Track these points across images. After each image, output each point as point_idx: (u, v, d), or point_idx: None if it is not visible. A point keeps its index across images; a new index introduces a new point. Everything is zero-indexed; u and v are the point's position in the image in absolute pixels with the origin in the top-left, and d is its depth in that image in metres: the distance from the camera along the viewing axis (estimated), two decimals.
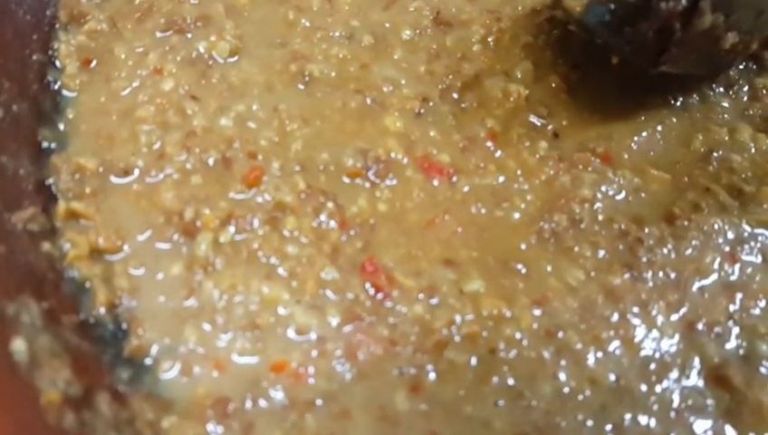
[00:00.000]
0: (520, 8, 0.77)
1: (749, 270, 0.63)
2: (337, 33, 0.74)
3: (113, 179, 0.64)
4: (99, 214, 0.62)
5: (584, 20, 0.65)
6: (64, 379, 0.51)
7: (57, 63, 0.70)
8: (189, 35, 0.72)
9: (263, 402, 0.55)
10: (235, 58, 0.72)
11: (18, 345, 0.49)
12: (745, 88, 0.75)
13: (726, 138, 0.71)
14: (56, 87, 0.69)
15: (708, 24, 0.63)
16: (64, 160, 0.64)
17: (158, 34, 0.72)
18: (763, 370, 0.58)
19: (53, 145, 0.65)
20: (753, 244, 0.64)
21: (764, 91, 0.74)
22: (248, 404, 0.54)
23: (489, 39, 0.75)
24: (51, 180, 0.63)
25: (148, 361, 0.56)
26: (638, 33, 0.64)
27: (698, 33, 0.64)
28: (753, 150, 0.70)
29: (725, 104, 0.74)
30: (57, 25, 0.71)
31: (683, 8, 0.62)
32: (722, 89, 0.74)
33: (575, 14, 0.65)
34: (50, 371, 0.50)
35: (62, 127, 0.67)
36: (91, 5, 0.73)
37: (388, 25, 0.75)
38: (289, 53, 0.72)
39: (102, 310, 0.57)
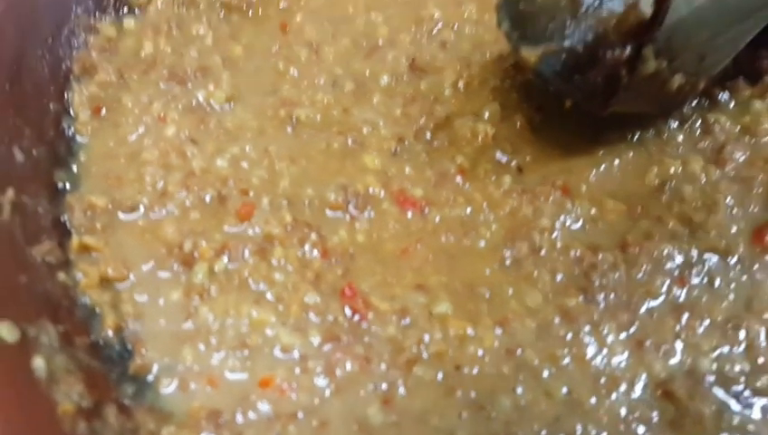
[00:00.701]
0: (488, 55, 0.81)
1: (696, 292, 0.66)
2: (322, 81, 0.79)
3: (121, 216, 0.69)
4: (108, 247, 0.67)
5: (538, 69, 0.68)
6: (77, 393, 0.56)
7: (71, 112, 0.75)
8: (190, 85, 0.77)
9: (251, 414, 0.59)
10: (231, 105, 0.77)
11: (38, 363, 0.55)
12: (698, 122, 0.77)
13: (680, 169, 0.73)
14: (70, 133, 0.74)
15: (653, 69, 0.67)
16: (77, 199, 0.69)
17: (162, 85, 0.77)
18: (705, 384, 0.62)
19: (68, 185, 0.70)
20: (700, 267, 0.67)
21: (716, 126, 0.76)
22: (238, 416, 0.59)
23: (460, 83, 0.79)
24: (65, 217, 0.68)
25: (150, 377, 0.61)
26: (587, 80, 0.67)
27: (644, 78, 0.67)
28: (703, 181, 0.73)
29: (680, 138, 0.76)
30: (71, 77, 0.76)
31: (627, 56, 0.66)
32: (676, 124, 0.77)
33: (530, 64, 0.69)
34: (65, 385, 0.56)
35: (75, 169, 0.72)
36: (101, 59, 0.78)
37: (368, 73, 0.80)
38: (279, 100, 0.77)
39: (110, 332, 0.62)
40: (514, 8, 0.71)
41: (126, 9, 0.83)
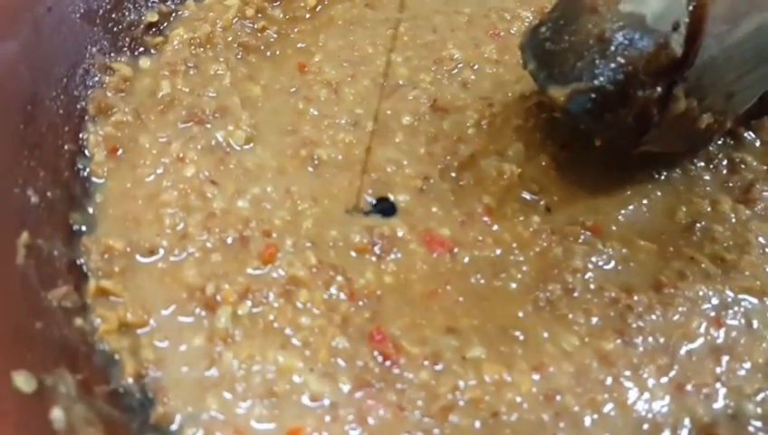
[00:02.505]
0: (510, 94, 0.81)
1: (734, 334, 0.65)
2: (343, 121, 0.78)
3: (139, 259, 0.67)
4: (126, 291, 0.64)
5: (568, 108, 0.68)
6: None
7: (86, 152, 0.73)
8: (209, 126, 0.76)
9: None
10: (251, 145, 0.75)
11: (57, 414, 0.52)
12: (724, 162, 0.78)
13: (708, 209, 0.74)
14: (86, 174, 0.72)
15: (683, 108, 0.67)
16: (94, 242, 0.67)
17: (180, 125, 0.76)
18: (750, 428, 0.61)
19: (84, 227, 0.68)
20: (736, 308, 0.67)
21: (742, 165, 0.77)
22: None
23: (483, 123, 0.79)
24: (82, 260, 0.66)
25: (173, 427, 0.58)
26: (617, 118, 0.67)
27: (674, 117, 0.68)
28: (733, 220, 0.73)
29: (707, 177, 0.77)
30: (86, 117, 0.75)
31: (659, 95, 0.66)
32: (702, 163, 0.78)
33: (559, 103, 0.68)
34: None
35: (91, 210, 0.70)
36: (116, 99, 0.77)
37: (389, 112, 0.79)
38: (299, 140, 0.76)
39: (130, 380, 0.60)
40: (540, 48, 0.71)
41: (142, 49, 0.83)
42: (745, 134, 0.81)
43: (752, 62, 0.70)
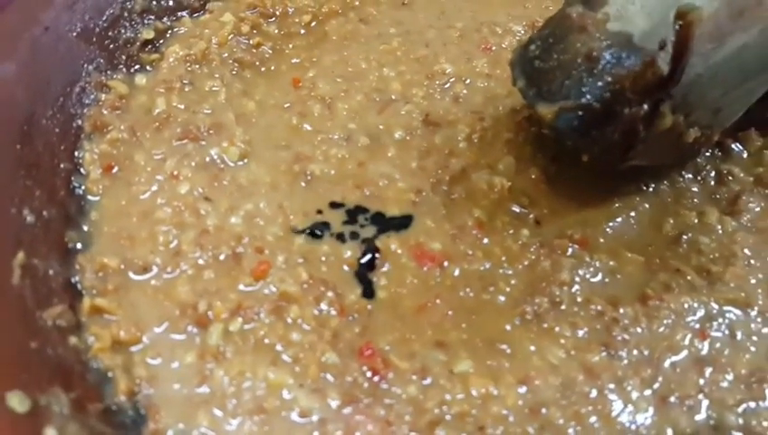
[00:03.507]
0: (501, 108, 0.82)
1: (718, 345, 0.66)
2: (336, 136, 0.79)
3: (133, 276, 0.67)
4: (120, 309, 0.65)
5: (555, 125, 0.69)
6: None
7: (82, 170, 0.74)
8: (203, 142, 0.77)
9: None
10: (245, 161, 0.76)
11: (50, 433, 0.53)
12: (712, 173, 0.79)
13: (695, 221, 0.74)
14: (81, 192, 0.73)
15: (669, 124, 0.68)
16: (89, 260, 0.67)
17: (175, 142, 0.77)
18: None
19: (79, 245, 0.69)
20: (721, 320, 0.68)
21: (730, 177, 0.78)
22: None
23: (474, 137, 0.79)
24: (76, 278, 0.66)
25: None
26: (604, 135, 0.68)
27: (661, 132, 0.68)
28: (720, 232, 0.74)
29: (695, 189, 0.78)
30: (82, 135, 0.75)
31: (645, 112, 0.67)
32: (690, 175, 0.79)
33: (547, 120, 0.69)
34: None
35: (86, 228, 0.70)
36: (112, 117, 0.77)
37: (381, 127, 0.80)
38: (293, 155, 0.77)
39: (123, 398, 0.60)
40: (529, 65, 0.72)
41: (138, 66, 0.84)
42: (733, 146, 0.81)
43: (737, 79, 0.71)
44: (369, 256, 0.71)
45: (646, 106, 0.67)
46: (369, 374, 0.63)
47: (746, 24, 0.68)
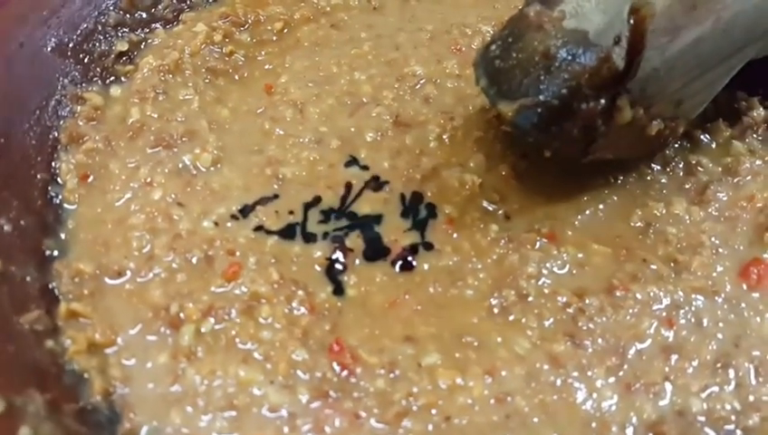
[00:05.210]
0: (471, 107, 0.83)
1: (684, 333, 0.67)
2: (307, 139, 0.81)
3: (108, 281, 0.69)
4: (96, 312, 0.67)
5: (516, 122, 0.69)
6: None
7: (59, 180, 0.75)
8: (176, 150, 0.78)
9: None
10: (218, 166, 0.78)
11: (24, 432, 0.54)
12: (681, 164, 0.80)
13: (663, 211, 0.75)
14: (58, 201, 0.74)
15: (629, 117, 0.69)
16: (65, 266, 0.69)
17: (149, 150, 0.78)
18: (696, 424, 0.62)
19: (56, 252, 0.71)
20: (687, 308, 0.68)
21: (699, 167, 0.79)
22: None
23: (444, 136, 0.81)
24: (53, 284, 0.68)
25: None
26: (563, 131, 0.69)
27: (622, 126, 0.69)
28: (687, 222, 0.75)
29: (663, 180, 0.79)
30: (59, 147, 0.77)
31: (602, 107, 0.67)
32: (659, 166, 0.79)
33: (507, 117, 0.70)
34: None
35: (63, 236, 0.72)
36: (88, 127, 0.79)
37: (353, 130, 0.81)
38: (264, 159, 0.79)
39: (98, 398, 0.62)
40: (491, 65, 0.72)
41: (112, 78, 0.85)
42: (701, 136, 0.82)
43: (696, 71, 0.72)
44: (339, 255, 0.72)
45: (603, 101, 0.67)
46: (338, 370, 0.64)
47: (700, 17, 0.69)
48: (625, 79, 0.68)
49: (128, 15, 0.88)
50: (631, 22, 0.66)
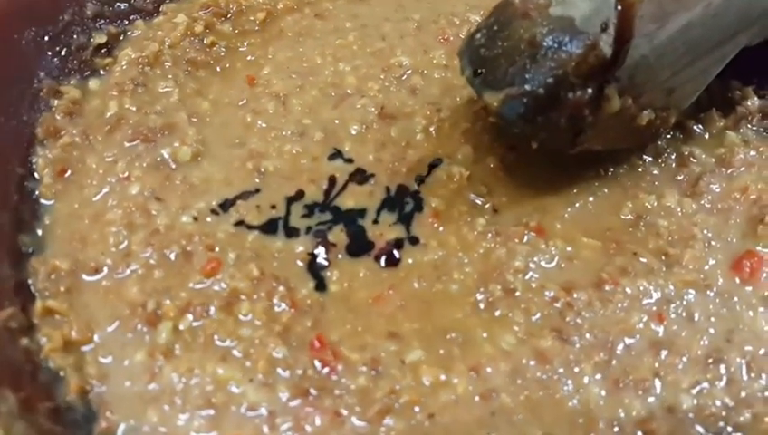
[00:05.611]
0: (458, 98, 0.82)
1: (675, 327, 0.66)
2: (289, 132, 0.79)
3: (85, 277, 0.68)
4: (72, 310, 0.66)
5: (501, 113, 0.68)
6: None
7: (36, 175, 0.74)
8: (155, 143, 0.76)
9: None
10: (198, 160, 0.76)
11: None
12: (673, 156, 0.78)
13: (655, 204, 0.74)
14: (35, 196, 0.73)
15: (617, 107, 0.67)
16: (42, 263, 0.68)
17: (126, 144, 0.77)
18: (686, 421, 0.61)
19: (32, 249, 0.70)
20: (678, 302, 0.67)
21: (692, 158, 0.78)
22: None
23: (431, 128, 0.79)
24: (29, 281, 0.67)
25: None
26: (550, 121, 0.67)
27: (611, 115, 0.68)
28: (679, 214, 0.73)
29: (655, 172, 0.77)
30: (35, 141, 0.76)
31: (590, 96, 0.66)
32: (651, 158, 0.78)
33: (493, 108, 0.68)
34: None
35: (39, 232, 0.71)
36: (65, 121, 0.78)
37: (337, 122, 0.80)
38: (246, 152, 0.77)
39: (74, 396, 0.61)
40: (476, 54, 0.71)
41: (91, 71, 0.84)
42: (694, 127, 0.81)
43: (686, 58, 0.70)
44: (322, 250, 0.71)
45: (590, 90, 0.66)
46: (319, 367, 0.63)
47: (689, 3, 0.68)
48: (613, 67, 0.66)
49: (106, 7, 0.87)
50: (619, 8, 0.65)
